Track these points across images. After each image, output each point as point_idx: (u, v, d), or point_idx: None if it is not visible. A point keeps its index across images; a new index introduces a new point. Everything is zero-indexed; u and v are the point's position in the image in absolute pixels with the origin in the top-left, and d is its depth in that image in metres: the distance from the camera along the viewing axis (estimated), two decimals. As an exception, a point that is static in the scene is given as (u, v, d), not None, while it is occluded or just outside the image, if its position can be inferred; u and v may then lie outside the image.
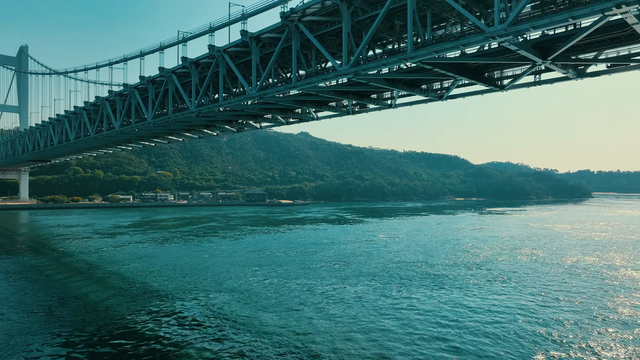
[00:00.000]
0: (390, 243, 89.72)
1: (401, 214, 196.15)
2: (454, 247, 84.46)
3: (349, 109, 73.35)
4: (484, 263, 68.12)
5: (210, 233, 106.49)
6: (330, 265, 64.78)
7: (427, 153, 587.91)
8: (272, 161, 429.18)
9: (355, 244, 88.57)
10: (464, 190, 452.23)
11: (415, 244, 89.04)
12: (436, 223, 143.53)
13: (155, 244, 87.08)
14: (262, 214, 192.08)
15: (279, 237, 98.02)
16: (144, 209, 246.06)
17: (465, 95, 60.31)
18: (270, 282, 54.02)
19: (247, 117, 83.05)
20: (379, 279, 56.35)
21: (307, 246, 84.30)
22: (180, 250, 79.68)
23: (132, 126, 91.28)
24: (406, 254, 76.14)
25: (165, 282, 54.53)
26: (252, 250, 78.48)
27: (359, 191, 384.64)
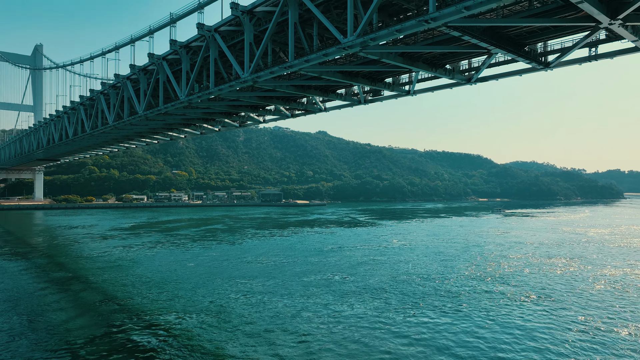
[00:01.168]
0: (404, 250, 79.88)
1: (420, 215, 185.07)
2: (475, 256, 74.13)
3: (360, 97, 63.73)
4: (511, 277, 57.74)
5: (207, 237, 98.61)
6: (329, 277, 55.63)
7: (448, 152, 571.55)
8: (289, 160, 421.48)
9: (363, 250, 79.14)
10: (487, 190, 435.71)
11: (432, 251, 79.00)
12: (457, 226, 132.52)
13: (141, 249, 79.47)
14: (274, 215, 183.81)
15: (280, 242, 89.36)
16: (156, 209, 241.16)
17: (499, 77, 50.20)
18: (250, 300, 45.17)
19: (246, 108, 74.31)
20: (386, 296, 46.86)
21: (309, 253, 75.36)
22: (165, 257, 71.72)
23: (125, 120, 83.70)
24: (420, 263, 66.33)
25: (127, 295, 46.31)
26: (244, 258, 69.94)
27: (378, 191, 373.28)
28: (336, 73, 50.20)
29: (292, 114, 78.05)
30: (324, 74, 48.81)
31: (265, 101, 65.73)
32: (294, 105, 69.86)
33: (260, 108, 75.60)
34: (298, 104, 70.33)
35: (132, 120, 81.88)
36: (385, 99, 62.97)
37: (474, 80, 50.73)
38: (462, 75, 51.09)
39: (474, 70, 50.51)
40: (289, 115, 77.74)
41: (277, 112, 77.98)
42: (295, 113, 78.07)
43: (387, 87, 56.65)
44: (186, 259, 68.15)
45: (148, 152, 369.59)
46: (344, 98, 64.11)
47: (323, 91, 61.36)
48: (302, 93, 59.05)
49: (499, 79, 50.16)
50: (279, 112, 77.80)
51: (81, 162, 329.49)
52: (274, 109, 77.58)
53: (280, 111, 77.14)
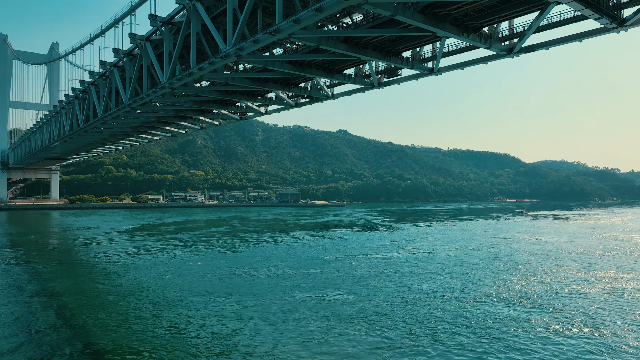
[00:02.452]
0: (419, 260, 68.72)
1: (442, 217, 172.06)
2: (504, 270, 62.43)
3: (372, 79, 53.01)
4: (549, 299, 46.02)
5: (201, 242, 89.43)
6: (324, 296, 45.34)
7: (473, 151, 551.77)
8: (308, 160, 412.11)
9: (372, 260, 68.47)
10: (515, 190, 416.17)
11: (451, 262, 67.62)
12: (482, 230, 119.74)
13: (123, 256, 70.82)
14: (287, 216, 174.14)
15: (281, 249, 79.46)
16: (170, 210, 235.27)
17: (551, 45, 38.88)
18: (211, 327, 35.32)
19: (242, 95, 64.51)
20: (389, 325, 36.24)
21: (308, 263, 65.28)
22: (139, 265, 62.71)
23: (112, 112, 75.21)
24: (437, 278, 55.27)
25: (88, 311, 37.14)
26: (231, 269, 60.29)
27: (399, 191, 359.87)
28: (339, 43, 39.76)
29: (296, 102, 67.99)
30: (323, 42, 38.44)
31: (261, 85, 55.78)
32: (295, 91, 59.71)
33: (258, 95, 65.79)
34: (300, 89, 60.11)
35: (118, 113, 73.34)
36: (404, 80, 52.14)
37: (517, 51, 39.46)
38: (500, 44, 39.96)
39: (517, 36, 39.32)
40: (292, 105, 67.69)
41: (279, 102, 68.08)
42: (300, 102, 67.98)
43: (405, 63, 45.82)
44: (162, 270, 59.14)
45: (166, 152, 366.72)
46: (353, 80, 53.59)
47: (327, 71, 50.97)
48: (301, 73, 48.79)
49: (550, 47, 38.84)
50: (280, 102, 67.88)
51: (99, 161, 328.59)
52: (275, 98, 67.67)
53: (282, 100, 67.17)
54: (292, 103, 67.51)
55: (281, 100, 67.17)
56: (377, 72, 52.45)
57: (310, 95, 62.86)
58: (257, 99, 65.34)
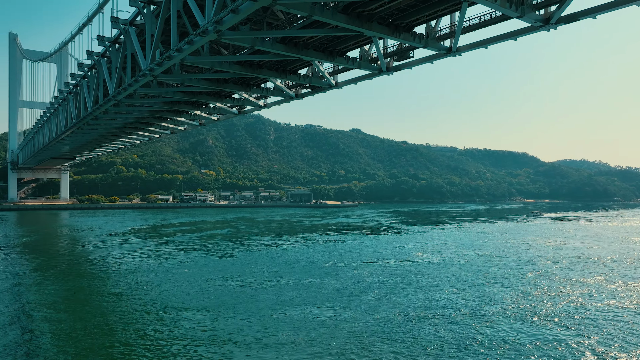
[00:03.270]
0: (429, 268, 61.45)
1: (457, 219, 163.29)
2: (524, 280, 54.82)
3: (380, 64, 46.02)
4: (581, 319, 38.49)
5: (198, 246, 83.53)
6: (318, 311, 38.72)
7: (490, 150, 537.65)
8: (320, 159, 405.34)
9: (376, 267, 61.51)
10: (534, 191, 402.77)
11: (465, 270, 60.22)
12: (500, 233, 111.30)
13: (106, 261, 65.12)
14: (296, 217, 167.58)
15: (279, 254, 72.85)
16: (178, 210, 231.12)
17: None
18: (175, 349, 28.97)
19: (235, 85, 58.02)
20: (388, 349, 29.38)
21: (305, 270, 58.71)
22: (126, 272, 56.84)
23: (100, 105, 69.61)
24: (448, 290, 48.10)
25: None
26: (216, 278, 53.98)
27: (414, 192, 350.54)
28: (337, 13, 32.85)
29: (297, 93, 61.37)
30: (317, 12, 31.57)
31: (253, 71, 49.15)
32: (293, 79, 53.04)
33: (253, 85, 59.28)
34: (299, 77, 53.36)
35: (105, 106, 67.66)
36: (417, 64, 45.05)
37: (555, 21, 32.21)
38: (534, 12, 32.77)
39: (555, 3, 32.09)
40: (292, 96, 61.06)
41: (278, 92, 61.53)
42: (301, 92, 61.34)
43: (417, 41, 38.76)
44: (142, 279, 53.14)
45: (177, 151, 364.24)
46: (358, 64, 46.67)
47: (327, 53, 44.11)
48: (296, 55, 42.04)
49: (598, 15, 31.51)
50: (279, 92, 61.32)
51: (110, 161, 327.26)
52: (274, 88, 61.12)
53: (280, 91, 60.60)
54: (292, 94, 60.88)
55: (280, 91, 60.59)
56: (385, 55, 45.43)
57: (312, 84, 56.14)
58: (253, 89, 58.81)
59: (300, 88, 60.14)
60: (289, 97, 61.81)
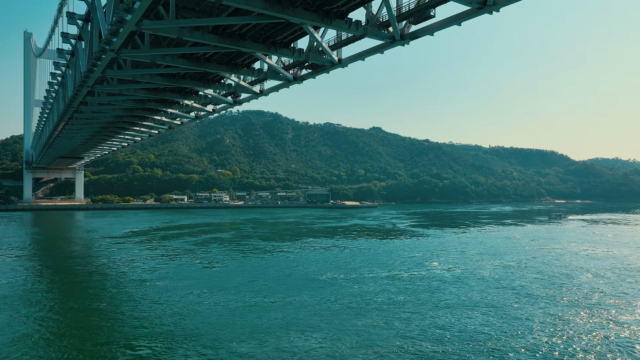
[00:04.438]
0: (445, 283, 50.99)
1: (482, 222, 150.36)
2: (561, 301, 43.87)
3: (393, 31, 35.86)
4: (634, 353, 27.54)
5: (190, 252, 74.97)
6: (297, 339, 29.15)
7: (517, 148, 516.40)
8: (339, 158, 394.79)
9: (383, 281, 51.49)
10: (564, 191, 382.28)
11: (489, 286, 49.56)
12: (529, 238, 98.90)
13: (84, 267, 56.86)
14: (309, 219, 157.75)
15: (273, 262, 63.42)
16: (192, 210, 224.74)
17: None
18: None
19: (220, 66, 48.38)
20: None
21: (298, 283, 49.36)
22: (97, 282, 48.35)
23: (75, 94, 61.46)
24: (464, 314, 37.86)
25: None
26: (201, 291, 45.00)
27: (437, 192, 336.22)
28: None
29: (296, 75, 51.71)
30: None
31: (233, 43, 39.28)
32: (285, 54, 43.16)
33: (242, 65, 49.61)
34: (294, 52, 43.49)
35: (80, 96, 59.34)
36: (440, 27, 34.65)
37: None
38: None
39: None
40: (290, 78, 51.50)
41: (273, 75, 51.96)
42: (300, 74, 51.60)
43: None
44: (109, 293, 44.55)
45: (194, 151, 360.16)
46: (364, 30, 36.48)
47: (323, 14, 34.08)
48: (283, 16, 32.14)
49: None
50: (274, 75, 51.76)
51: (127, 160, 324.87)
52: (268, 70, 51.56)
53: (275, 72, 51.03)
54: (289, 76, 51.18)
55: (275, 72, 50.98)
56: (399, 17, 35.13)
57: (311, 63, 46.37)
58: (242, 70, 49.17)
59: (299, 68, 50.36)
60: (286, 81, 52.12)
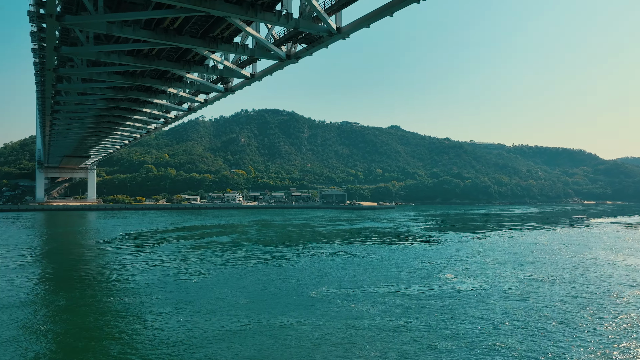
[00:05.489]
0: (459, 301, 42.03)
1: (505, 224, 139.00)
2: (606, 327, 34.43)
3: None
4: None
5: (179, 257, 67.51)
6: None
7: (542, 147, 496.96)
8: (356, 157, 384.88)
9: (383, 298, 42.81)
10: (594, 191, 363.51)
11: (513, 306, 40.40)
12: (559, 244, 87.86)
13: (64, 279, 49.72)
14: (320, 221, 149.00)
15: (258, 271, 55.29)
16: (203, 211, 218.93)
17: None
18: None
19: (192, 39, 40.25)
20: None
21: (282, 299, 41.17)
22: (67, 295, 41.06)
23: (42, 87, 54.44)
24: (484, 346, 28.76)
25: None
26: (168, 309, 37.10)
27: (458, 192, 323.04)
28: None
29: (289, 54, 43.24)
30: None
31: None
32: (269, 20, 34.65)
33: (221, 39, 41.22)
34: (278, 17, 34.93)
35: (48, 88, 52.26)
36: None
37: None
38: None
39: None
40: (282, 57, 42.97)
41: (262, 52, 43.55)
42: (295, 52, 43.11)
43: None
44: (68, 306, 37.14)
45: (208, 150, 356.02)
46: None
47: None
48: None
49: None
50: (264, 52, 43.36)
51: (141, 160, 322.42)
52: (256, 46, 43.23)
53: (265, 50, 42.63)
54: (282, 54, 42.66)
55: (264, 50, 42.55)
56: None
57: (306, 33, 37.89)
58: (222, 45, 40.86)
59: (292, 43, 41.82)
60: (279, 60, 43.69)
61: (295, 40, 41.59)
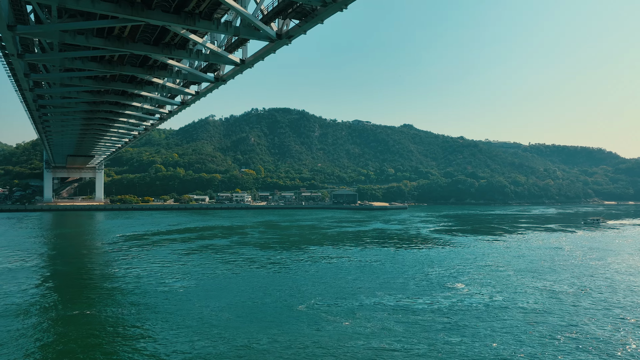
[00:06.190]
0: (470, 316, 36.36)
1: (522, 225, 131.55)
2: None
3: None
4: None
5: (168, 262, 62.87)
6: None
7: (559, 145, 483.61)
8: (368, 157, 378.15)
9: (384, 313, 37.18)
10: (615, 191, 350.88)
11: (536, 324, 34.54)
12: (581, 248, 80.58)
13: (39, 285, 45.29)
14: (327, 222, 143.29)
15: (246, 279, 50.30)
16: (211, 211, 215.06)
17: None
18: None
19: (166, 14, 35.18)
20: None
21: (263, 314, 35.59)
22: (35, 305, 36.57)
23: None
24: None
25: None
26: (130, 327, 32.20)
27: (472, 192, 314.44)
28: None
29: (280, 32, 37.97)
30: None
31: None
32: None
33: (197, 14, 36.00)
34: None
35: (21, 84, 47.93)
36: None
37: None
38: None
39: None
40: (273, 36, 37.67)
41: (247, 31, 38.32)
42: (288, 30, 37.86)
43: None
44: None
45: (218, 150, 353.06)
46: None
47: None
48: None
49: None
50: (250, 30, 38.13)
51: (151, 160, 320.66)
52: (242, 23, 38.05)
53: (252, 28, 37.42)
54: (271, 33, 37.37)
55: (251, 28, 37.29)
56: None
57: (297, 5, 32.64)
58: (201, 22, 35.60)
59: (283, 17, 36.37)
60: (269, 39, 38.39)
61: (286, 15, 36.24)
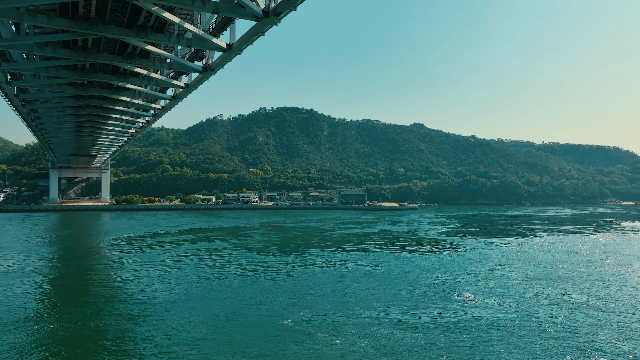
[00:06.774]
0: (481, 332, 31.80)
1: (537, 227, 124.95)
2: None
3: None
4: None
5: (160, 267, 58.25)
6: None
7: (574, 144, 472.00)
8: (377, 156, 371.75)
9: (381, 329, 32.01)
10: (633, 191, 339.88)
11: (555, 344, 29.16)
12: (601, 252, 74.69)
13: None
14: (332, 223, 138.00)
15: (234, 288, 45.65)
16: (217, 212, 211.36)
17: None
18: None
19: None
20: None
21: (245, 330, 30.53)
22: None
23: None
24: None
25: None
26: None
27: (484, 192, 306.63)
28: None
29: (268, 9, 32.78)
30: None
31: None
32: None
33: None
34: None
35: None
36: None
37: None
38: None
39: None
40: (259, 13, 32.44)
41: (231, 8, 33.29)
42: (273, 8, 32.65)
43: None
44: None
45: (226, 149, 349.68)
46: None
47: None
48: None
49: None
50: (233, 7, 33.09)
51: (158, 159, 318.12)
52: (222, 2, 33.00)
53: (237, 5, 32.39)
54: (257, 9, 32.30)
55: (233, 4, 32.26)
56: None
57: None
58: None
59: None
60: (255, 17, 33.32)
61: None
